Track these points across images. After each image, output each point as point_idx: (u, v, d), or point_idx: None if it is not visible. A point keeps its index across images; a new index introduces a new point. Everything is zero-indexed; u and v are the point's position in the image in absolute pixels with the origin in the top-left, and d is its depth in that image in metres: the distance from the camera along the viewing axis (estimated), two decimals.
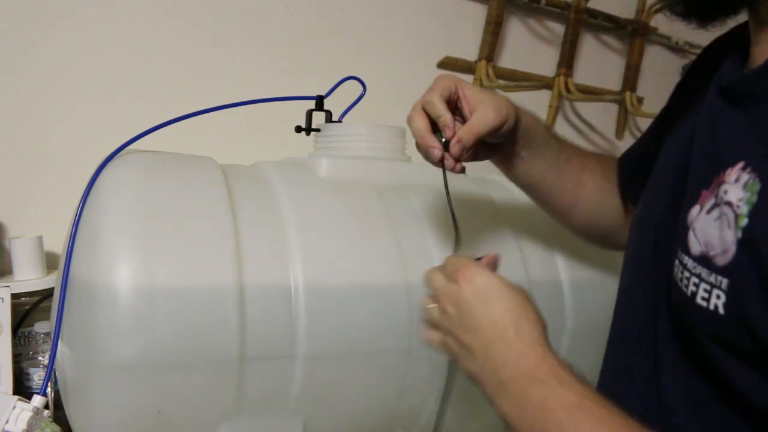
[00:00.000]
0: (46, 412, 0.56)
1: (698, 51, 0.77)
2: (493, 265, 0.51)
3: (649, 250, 0.51)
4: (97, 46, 0.92)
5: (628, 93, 1.39)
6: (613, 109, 1.43)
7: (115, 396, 0.54)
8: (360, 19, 1.11)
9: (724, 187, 0.39)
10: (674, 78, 0.63)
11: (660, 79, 1.45)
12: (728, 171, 0.40)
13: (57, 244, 0.78)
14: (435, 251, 0.66)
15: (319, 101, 0.75)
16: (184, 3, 0.97)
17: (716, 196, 0.40)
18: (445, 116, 0.54)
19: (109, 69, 0.93)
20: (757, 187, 0.37)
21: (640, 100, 1.41)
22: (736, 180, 0.39)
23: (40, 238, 0.81)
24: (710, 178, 0.42)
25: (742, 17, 0.47)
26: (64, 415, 0.63)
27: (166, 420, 0.55)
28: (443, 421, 0.69)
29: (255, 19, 1.03)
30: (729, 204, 0.39)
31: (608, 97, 1.34)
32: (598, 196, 0.67)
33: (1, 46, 0.86)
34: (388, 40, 1.14)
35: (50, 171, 0.90)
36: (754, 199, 0.37)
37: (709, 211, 0.41)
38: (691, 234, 0.42)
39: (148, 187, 0.58)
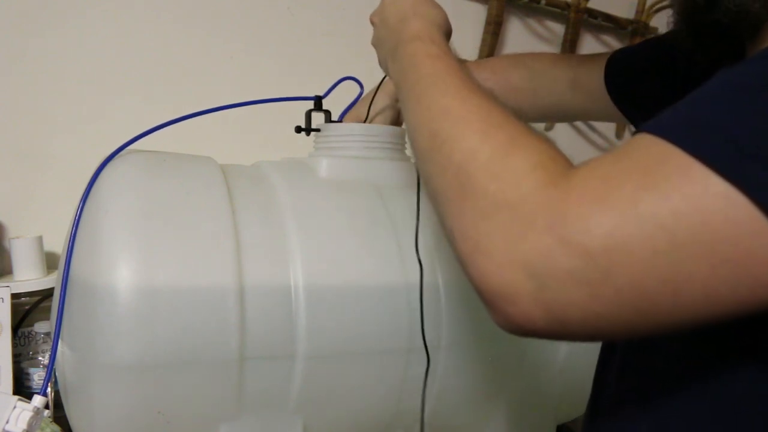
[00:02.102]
0: (46, 412, 0.56)
1: None
2: None
3: None
4: (97, 46, 0.92)
5: None
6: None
7: (115, 396, 0.54)
8: (360, 19, 1.11)
9: None
10: None
11: None
12: None
13: (57, 244, 0.78)
14: (435, 251, 0.66)
15: (318, 101, 0.75)
16: (184, 3, 0.97)
17: None
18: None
19: (109, 69, 0.93)
20: None
21: None
22: None
23: (40, 238, 0.81)
24: None
25: None
26: (64, 415, 0.63)
27: (166, 420, 0.55)
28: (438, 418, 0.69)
29: (255, 19, 1.03)
30: None
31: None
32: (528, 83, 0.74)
33: (1, 46, 0.86)
34: None
35: (50, 171, 0.90)
36: None
37: None
38: None
39: (148, 187, 0.58)
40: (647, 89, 0.65)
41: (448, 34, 0.52)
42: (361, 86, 0.79)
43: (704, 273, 0.31)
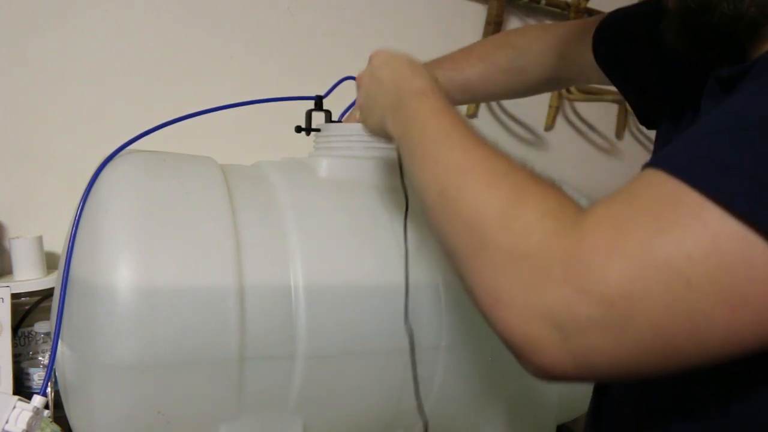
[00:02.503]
0: (46, 412, 0.56)
1: None
2: None
3: None
4: (96, 46, 0.92)
5: None
6: (613, 109, 1.42)
7: (115, 396, 0.54)
8: (360, 19, 1.11)
9: None
10: None
11: None
12: None
13: (57, 244, 0.78)
14: (435, 251, 0.66)
15: (318, 101, 0.75)
16: (184, 3, 0.97)
17: None
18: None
19: (109, 69, 0.93)
20: None
21: None
22: None
23: (40, 238, 0.81)
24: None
25: None
26: (64, 415, 0.63)
27: (166, 420, 0.55)
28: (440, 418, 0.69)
29: (255, 19, 1.03)
30: None
31: (608, 98, 1.34)
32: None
33: (1, 46, 0.86)
34: (387, 40, 1.14)
35: (50, 171, 0.90)
36: None
37: None
38: None
39: (148, 187, 0.58)
40: (635, 55, 0.64)
41: (445, 91, 0.51)
42: None
43: (724, 315, 0.31)
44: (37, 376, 0.75)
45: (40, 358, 0.77)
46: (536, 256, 0.34)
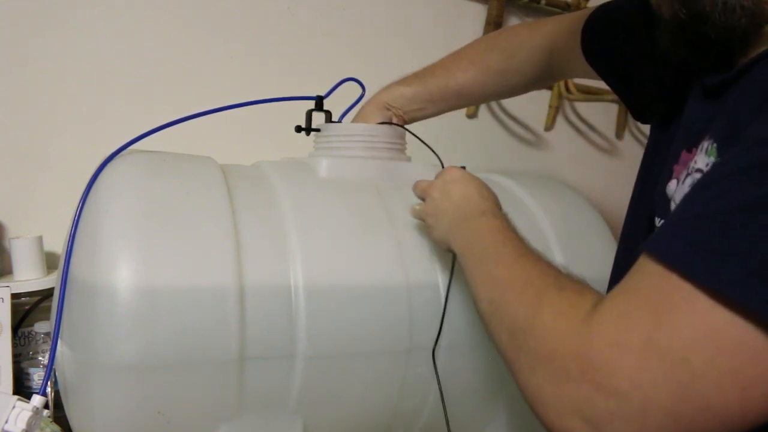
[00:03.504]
0: (45, 412, 0.56)
1: None
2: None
3: (645, 223, 0.54)
4: (97, 46, 0.92)
5: None
6: (613, 109, 1.42)
7: (115, 396, 0.54)
8: (360, 19, 1.11)
9: (694, 158, 0.44)
10: None
11: None
12: (696, 148, 0.44)
13: (57, 244, 0.78)
14: (435, 251, 0.66)
15: (319, 102, 0.75)
16: (184, 3, 0.97)
17: (687, 168, 0.44)
18: None
19: (109, 69, 0.93)
20: (714, 149, 0.41)
21: None
22: (701, 150, 0.43)
23: (40, 238, 0.81)
24: (678, 153, 0.48)
25: None
26: (64, 415, 0.63)
27: (166, 420, 0.55)
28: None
29: (255, 19, 1.03)
30: (699, 171, 0.42)
31: (608, 98, 1.34)
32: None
33: (1, 46, 0.86)
34: (388, 40, 1.14)
35: (50, 171, 0.90)
36: (714, 159, 0.41)
37: (683, 182, 0.45)
38: (672, 204, 0.46)
39: (148, 187, 0.58)
40: (624, 50, 0.64)
41: (505, 214, 0.58)
42: (363, 87, 0.79)
43: (735, 396, 0.32)
44: (37, 376, 0.75)
45: (40, 358, 0.77)
46: (555, 358, 0.37)
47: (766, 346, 0.31)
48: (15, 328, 0.76)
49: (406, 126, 0.76)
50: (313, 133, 0.75)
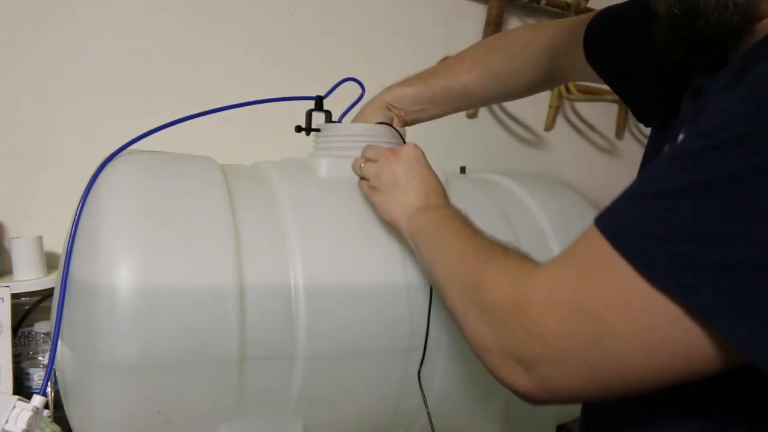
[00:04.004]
0: (46, 412, 0.56)
1: None
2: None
3: None
4: (97, 47, 0.92)
5: None
6: (613, 109, 1.42)
7: (115, 396, 0.54)
8: (360, 19, 1.11)
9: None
10: None
11: None
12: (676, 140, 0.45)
13: (57, 244, 0.78)
14: None
15: (319, 102, 0.75)
16: (184, 3, 0.97)
17: None
18: None
19: (109, 69, 0.93)
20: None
21: None
22: (679, 140, 0.45)
23: (40, 238, 0.81)
24: (661, 146, 0.51)
25: None
26: (64, 415, 0.63)
27: (166, 420, 0.55)
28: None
29: (255, 19, 1.03)
30: None
31: (608, 98, 1.34)
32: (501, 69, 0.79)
33: (1, 46, 0.86)
34: (388, 40, 1.14)
35: (50, 171, 0.90)
36: None
37: None
38: None
39: (148, 188, 0.58)
40: (625, 52, 0.65)
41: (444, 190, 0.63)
42: (363, 87, 0.79)
43: (639, 355, 0.37)
44: (37, 376, 0.75)
45: (40, 358, 0.77)
46: (497, 309, 0.43)
47: (671, 318, 0.35)
48: (15, 328, 0.76)
49: (396, 127, 0.76)
50: (313, 133, 0.75)
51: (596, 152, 1.43)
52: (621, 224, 0.38)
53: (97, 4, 0.91)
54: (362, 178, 0.66)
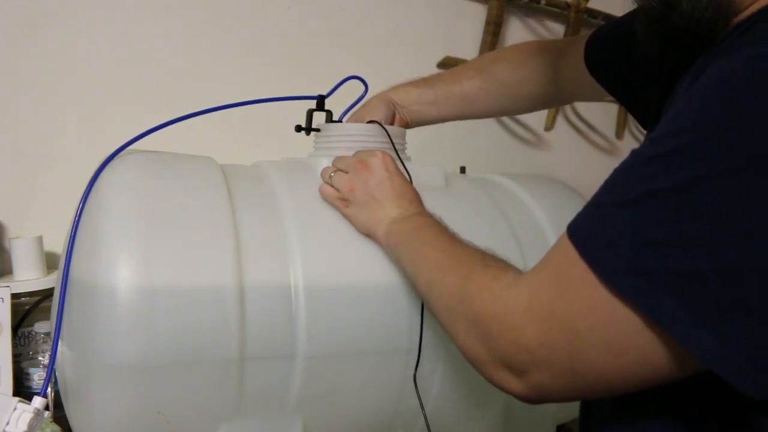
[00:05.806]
0: (46, 413, 0.56)
1: None
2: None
3: None
4: (97, 47, 0.92)
5: None
6: (613, 109, 1.43)
7: (115, 396, 0.54)
8: (360, 19, 1.11)
9: None
10: None
11: None
12: None
13: (57, 244, 0.78)
14: None
15: (320, 101, 0.75)
16: (184, 3, 0.97)
17: None
18: None
19: (109, 69, 0.93)
20: None
21: None
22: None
23: (40, 238, 0.81)
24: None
25: None
26: (64, 415, 0.63)
27: (166, 420, 0.55)
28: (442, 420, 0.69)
29: (255, 19, 1.03)
30: None
31: (608, 98, 1.34)
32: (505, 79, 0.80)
33: (1, 46, 0.86)
34: (388, 40, 1.14)
35: (50, 171, 0.90)
36: None
37: None
38: None
39: (148, 188, 0.58)
40: (625, 62, 0.65)
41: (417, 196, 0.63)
42: (366, 85, 0.79)
43: (612, 362, 0.38)
44: (37, 376, 0.75)
45: (40, 358, 0.77)
46: (481, 321, 0.44)
47: (633, 326, 0.36)
48: (15, 328, 0.76)
49: (386, 126, 0.76)
50: (313, 132, 0.75)
51: (596, 152, 1.43)
52: (585, 233, 0.39)
53: (97, 4, 0.91)
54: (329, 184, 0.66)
